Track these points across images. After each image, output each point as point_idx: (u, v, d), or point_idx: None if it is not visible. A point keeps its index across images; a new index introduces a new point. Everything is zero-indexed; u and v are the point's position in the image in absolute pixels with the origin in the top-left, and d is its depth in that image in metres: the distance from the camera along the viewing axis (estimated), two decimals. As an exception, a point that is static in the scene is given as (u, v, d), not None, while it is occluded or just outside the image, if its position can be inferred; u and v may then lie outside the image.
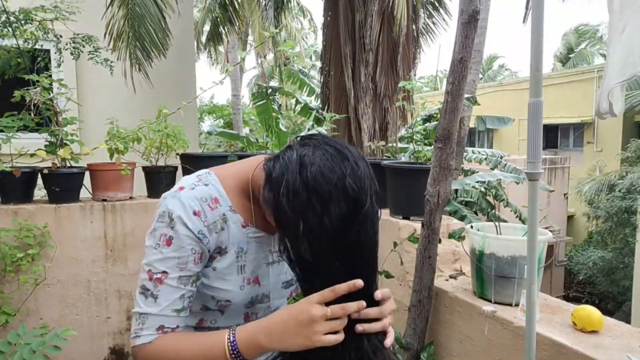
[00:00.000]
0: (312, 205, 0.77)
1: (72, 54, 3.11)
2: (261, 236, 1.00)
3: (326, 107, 5.82)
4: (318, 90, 6.33)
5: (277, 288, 1.06)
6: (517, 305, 1.82)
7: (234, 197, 0.96)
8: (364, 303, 0.80)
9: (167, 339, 0.89)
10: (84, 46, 3.13)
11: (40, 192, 2.78)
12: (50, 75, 2.76)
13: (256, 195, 0.95)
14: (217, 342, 0.85)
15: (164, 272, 0.89)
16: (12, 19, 2.84)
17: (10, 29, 2.83)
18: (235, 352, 0.83)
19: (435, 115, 5.36)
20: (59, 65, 3.06)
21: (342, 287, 0.78)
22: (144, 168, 2.95)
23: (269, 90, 5.29)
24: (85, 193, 2.82)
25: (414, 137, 3.30)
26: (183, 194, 0.91)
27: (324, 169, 0.78)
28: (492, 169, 5.24)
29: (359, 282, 0.78)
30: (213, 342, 0.85)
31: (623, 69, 1.43)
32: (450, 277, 2.24)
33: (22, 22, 2.88)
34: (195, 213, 0.90)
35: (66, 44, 3.11)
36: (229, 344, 0.84)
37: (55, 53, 3.15)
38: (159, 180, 2.91)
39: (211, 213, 0.92)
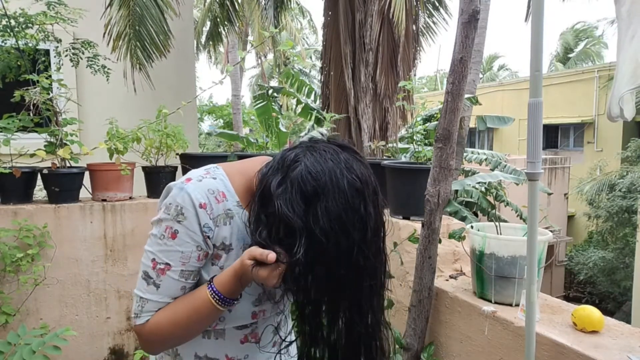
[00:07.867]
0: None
1: (71, 60, 3.11)
2: None
3: (326, 107, 5.81)
4: (318, 90, 6.30)
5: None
6: (517, 305, 1.82)
7: (241, 193, 0.97)
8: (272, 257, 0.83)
9: (161, 311, 0.94)
10: (83, 52, 3.14)
11: (40, 192, 2.78)
12: (50, 76, 2.76)
13: None
14: (202, 295, 0.92)
15: (167, 264, 0.91)
16: (12, 22, 2.84)
17: (11, 32, 2.83)
18: (218, 296, 0.91)
19: (435, 115, 5.36)
20: (59, 69, 3.06)
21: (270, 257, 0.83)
22: (144, 168, 2.95)
23: (271, 91, 5.29)
24: (85, 193, 2.82)
25: (414, 137, 3.28)
26: (190, 186, 0.92)
27: (310, 168, 0.83)
28: (492, 169, 5.24)
29: (271, 255, 0.82)
30: (199, 297, 0.92)
31: (633, 77, 1.45)
32: (451, 277, 2.23)
33: (23, 26, 2.88)
34: (201, 205, 0.90)
35: (66, 50, 3.11)
36: (211, 292, 0.91)
37: (55, 57, 3.15)
38: (158, 180, 2.91)
39: (217, 206, 0.93)
